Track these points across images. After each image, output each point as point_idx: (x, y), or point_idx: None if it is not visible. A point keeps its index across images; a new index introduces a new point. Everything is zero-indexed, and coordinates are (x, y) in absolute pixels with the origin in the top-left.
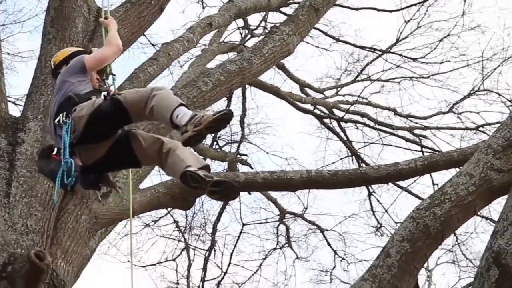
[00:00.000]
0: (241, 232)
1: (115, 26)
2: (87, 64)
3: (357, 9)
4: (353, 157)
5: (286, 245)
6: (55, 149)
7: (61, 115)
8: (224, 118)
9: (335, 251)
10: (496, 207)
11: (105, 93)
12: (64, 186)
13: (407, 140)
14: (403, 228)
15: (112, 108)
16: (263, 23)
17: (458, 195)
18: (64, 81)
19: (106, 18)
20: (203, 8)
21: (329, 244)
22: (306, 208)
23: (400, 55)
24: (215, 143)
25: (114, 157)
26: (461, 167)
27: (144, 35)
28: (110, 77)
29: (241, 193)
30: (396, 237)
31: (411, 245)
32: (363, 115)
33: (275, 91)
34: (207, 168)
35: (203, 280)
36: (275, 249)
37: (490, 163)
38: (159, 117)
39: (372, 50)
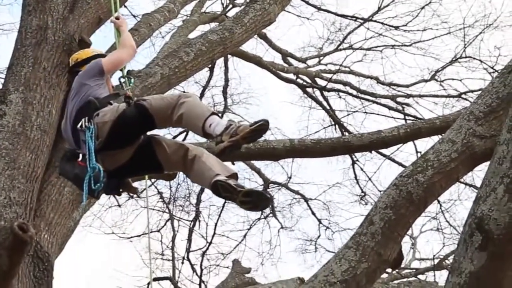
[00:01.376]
0: (225, 203)
1: (127, 26)
2: (105, 67)
3: None
4: (336, 125)
5: (271, 215)
6: (80, 155)
7: (83, 120)
8: (261, 129)
9: (319, 220)
10: (479, 174)
11: (128, 98)
12: (91, 192)
13: (390, 108)
14: (386, 195)
15: (137, 114)
16: None
17: (441, 162)
18: (82, 84)
19: (117, 18)
20: None
21: (313, 213)
22: (290, 178)
23: (382, 23)
24: None
25: (137, 163)
26: (443, 134)
27: (125, 6)
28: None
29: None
30: (380, 204)
31: (394, 212)
32: (345, 84)
33: (257, 61)
34: (235, 176)
35: (188, 250)
36: (259, 219)
37: (472, 130)
38: (189, 125)
39: (354, 18)
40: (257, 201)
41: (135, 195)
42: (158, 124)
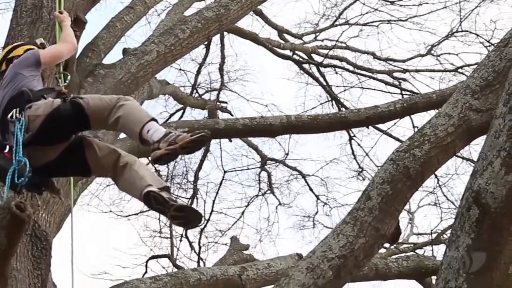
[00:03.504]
0: (222, 180)
1: (69, 22)
2: (43, 59)
3: None
4: (333, 101)
5: (268, 191)
6: (7, 147)
7: (14, 110)
8: (201, 140)
9: (317, 196)
10: (476, 148)
11: (63, 95)
12: (14, 186)
13: (386, 83)
14: (383, 170)
15: (72, 112)
16: None
17: (438, 136)
18: (16, 73)
19: (60, 12)
20: None
21: (311, 190)
22: (288, 154)
23: None
24: (194, 91)
25: (64, 162)
26: (440, 109)
27: None
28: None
29: (222, 140)
30: (377, 179)
31: (391, 187)
32: (342, 59)
33: (253, 38)
34: (167, 189)
35: (185, 233)
36: (257, 195)
37: (469, 104)
38: (125, 129)
39: None
40: (188, 217)
41: (56, 197)
42: (93, 124)
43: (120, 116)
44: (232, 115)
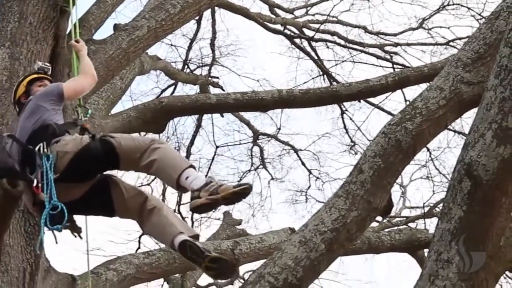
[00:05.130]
0: (215, 155)
1: (86, 51)
2: (66, 93)
3: None
4: (325, 76)
5: (261, 166)
6: (34, 181)
7: (41, 144)
8: (244, 193)
9: (309, 171)
10: (467, 121)
11: (85, 130)
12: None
13: (378, 57)
14: (375, 143)
15: (102, 151)
16: None
17: (429, 109)
18: (38, 106)
19: (76, 41)
20: None
21: (303, 164)
22: (279, 129)
23: None
24: (186, 66)
25: (88, 201)
26: (431, 82)
27: None
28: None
29: (214, 116)
30: (369, 153)
31: (383, 161)
32: (333, 33)
33: (244, 13)
34: (197, 237)
35: (178, 203)
36: (249, 170)
37: (460, 76)
38: (161, 173)
39: None
40: (222, 268)
41: (77, 235)
42: (122, 165)
43: (156, 160)
44: (223, 90)
